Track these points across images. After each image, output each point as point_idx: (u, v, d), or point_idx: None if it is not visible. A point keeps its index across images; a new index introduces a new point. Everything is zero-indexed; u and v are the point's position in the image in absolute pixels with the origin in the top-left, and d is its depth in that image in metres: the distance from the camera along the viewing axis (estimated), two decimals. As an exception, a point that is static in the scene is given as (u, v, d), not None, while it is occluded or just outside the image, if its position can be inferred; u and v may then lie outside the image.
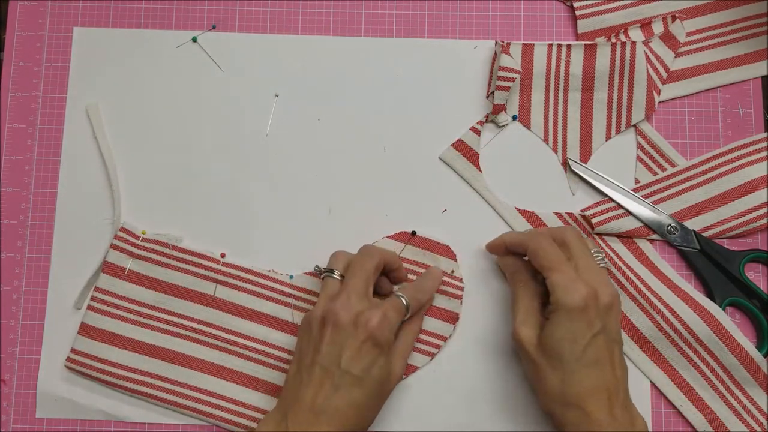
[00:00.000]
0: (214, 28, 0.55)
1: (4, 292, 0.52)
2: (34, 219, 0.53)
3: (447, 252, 0.52)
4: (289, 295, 0.51)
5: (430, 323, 0.51)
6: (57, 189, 0.53)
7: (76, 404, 0.51)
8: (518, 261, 0.49)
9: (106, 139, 0.53)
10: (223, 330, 0.51)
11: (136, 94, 0.54)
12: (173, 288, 0.51)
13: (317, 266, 0.50)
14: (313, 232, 0.53)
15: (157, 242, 0.51)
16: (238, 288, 0.51)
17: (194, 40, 0.55)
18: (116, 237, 0.51)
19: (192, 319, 0.51)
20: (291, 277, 0.51)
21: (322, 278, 0.48)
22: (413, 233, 0.52)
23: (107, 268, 0.51)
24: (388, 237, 0.52)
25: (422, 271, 0.51)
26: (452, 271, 0.51)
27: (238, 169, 0.53)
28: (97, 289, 0.51)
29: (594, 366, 0.43)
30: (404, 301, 0.46)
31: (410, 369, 0.50)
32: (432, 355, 0.50)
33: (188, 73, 0.54)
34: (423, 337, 0.50)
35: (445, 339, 0.51)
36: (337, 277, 0.47)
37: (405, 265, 0.51)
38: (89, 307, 0.51)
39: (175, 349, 0.50)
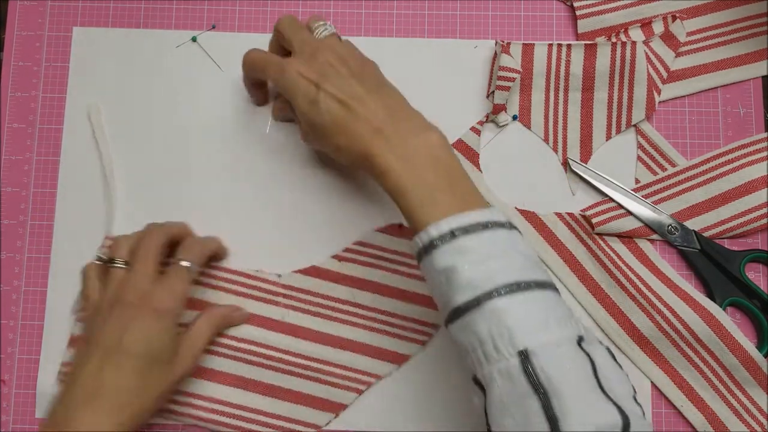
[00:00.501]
0: (214, 28, 0.55)
1: (3, 292, 0.52)
2: (34, 219, 0.53)
3: None
4: (278, 294, 0.51)
5: (417, 310, 0.51)
6: (57, 189, 0.53)
7: (75, 404, 0.51)
8: (267, 52, 0.49)
9: (106, 141, 0.53)
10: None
11: (136, 94, 0.54)
12: None
13: (98, 255, 0.49)
14: (313, 232, 0.52)
15: None
16: (226, 290, 0.51)
17: (194, 40, 0.55)
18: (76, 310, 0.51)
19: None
20: (279, 276, 0.51)
21: (103, 265, 0.48)
22: (400, 226, 0.52)
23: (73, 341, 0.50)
24: (377, 230, 0.52)
25: (408, 265, 0.51)
26: None
27: (236, 169, 0.53)
28: (65, 365, 0.50)
29: (343, 115, 0.43)
30: (186, 264, 0.46)
31: (402, 358, 0.50)
32: (423, 343, 0.50)
33: (188, 73, 0.54)
34: (413, 325, 0.50)
35: (437, 327, 0.51)
36: (121, 266, 0.47)
37: (394, 257, 0.51)
38: (61, 380, 0.50)
39: None
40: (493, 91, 0.53)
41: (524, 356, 0.35)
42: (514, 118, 0.54)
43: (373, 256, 0.51)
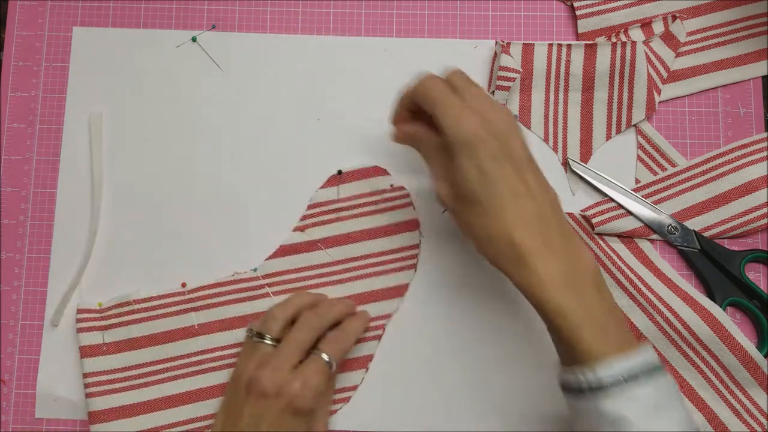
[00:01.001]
0: (214, 28, 0.55)
1: (3, 292, 0.52)
2: (34, 219, 0.53)
3: (378, 171, 0.52)
4: (262, 287, 0.51)
5: (393, 240, 0.51)
6: (57, 189, 0.53)
7: (76, 404, 0.51)
8: (416, 122, 0.45)
9: (101, 152, 0.53)
10: (221, 349, 0.50)
11: (136, 94, 0.54)
12: (156, 337, 0.50)
13: (250, 327, 0.48)
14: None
15: (119, 305, 0.50)
16: (214, 305, 0.51)
17: (194, 39, 0.55)
18: (78, 320, 0.50)
19: (188, 355, 0.50)
20: (255, 270, 0.51)
21: (253, 340, 0.47)
22: (339, 172, 0.52)
23: (84, 352, 0.50)
24: (320, 188, 0.52)
25: (365, 204, 0.52)
26: (390, 185, 0.52)
27: (236, 169, 0.53)
28: (86, 375, 0.49)
29: (511, 196, 0.40)
30: (325, 359, 0.45)
31: (402, 289, 0.51)
32: (414, 267, 0.51)
33: (188, 73, 0.54)
34: (396, 255, 0.51)
35: (418, 246, 0.51)
36: (269, 344, 0.46)
37: (349, 203, 0.52)
38: (88, 395, 0.49)
39: (186, 389, 0.50)
40: (493, 91, 0.53)
41: None
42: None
43: (329, 212, 0.52)
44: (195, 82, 0.54)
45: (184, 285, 0.51)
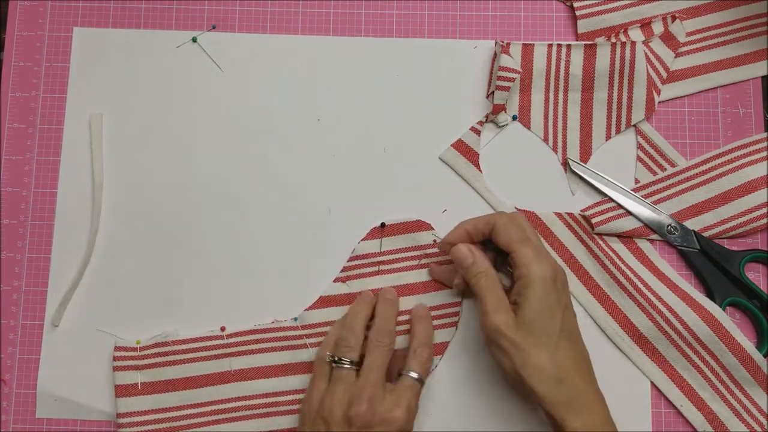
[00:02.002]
0: (214, 28, 0.55)
1: (4, 292, 0.52)
2: (34, 219, 0.53)
3: (421, 226, 0.52)
4: (301, 337, 0.51)
5: (436, 296, 0.51)
6: (57, 189, 0.53)
7: (76, 404, 0.51)
8: (475, 250, 0.47)
9: (101, 152, 0.53)
10: (256, 397, 0.50)
11: (136, 94, 0.54)
12: (191, 381, 0.50)
13: (328, 354, 0.47)
14: (312, 233, 0.53)
15: (156, 345, 0.50)
16: (252, 352, 0.50)
17: (194, 40, 0.55)
18: (115, 358, 0.50)
19: (222, 401, 0.50)
20: (295, 319, 0.51)
21: (331, 366, 0.47)
22: (382, 225, 0.52)
23: (119, 391, 0.49)
24: (362, 241, 0.52)
25: (407, 258, 0.51)
26: (434, 241, 0.51)
27: (235, 169, 0.53)
28: (119, 415, 0.49)
29: (570, 338, 0.44)
30: (416, 377, 0.46)
31: (442, 347, 0.50)
32: (455, 325, 0.51)
33: (188, 74, 0.54)
34: (439, 312, 0.51)
35: (460, 304, 0.51)
36: (349, 368, 0.46)
37: (391, 257, 0.51)
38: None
39: None
40: (493, 91, 0.53)
41: None
42: (514, 118, 0.54)
43: (372, 264, 0.51)
44: (195, 82, 0.54)
45: (223, 329, 0.51)
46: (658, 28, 0.54)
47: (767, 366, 0.49)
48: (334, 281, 0.52)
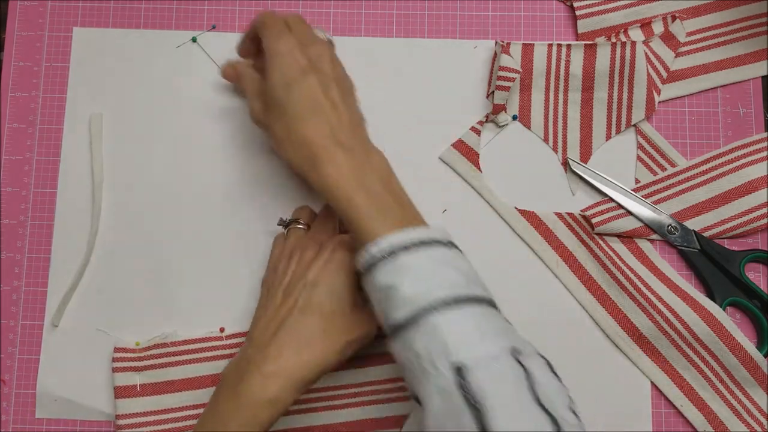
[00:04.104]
0: (214, 28, 0.55)
1: (4, 292, 0.52)
2: (34, 219, 0.53)
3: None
4: None
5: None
6: (57, 189, 0.53)
7: (76, 404, 0.51)
8: (240, 62, 0.50)
9: (101, 152, 0.53)
10: None
11: (136, 94, 0.54)
12: (191, 382, 0.50)
13: (281, 218, 0.50)
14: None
15: (156, 346, 0.50)
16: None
17: (194, 40, 0.55)
18: (114, 359, 0.50)
19: None
20: None
21: (287, 229, 0.49)
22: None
23: (119, 392, 0.49)
24: None
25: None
26: None
27: (235, 168, 0.53)
28: (119, 417, 0.49)
29: (308, 100, 0.44)
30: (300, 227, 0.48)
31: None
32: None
33: (188, 74, 0.54)
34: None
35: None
36: (302, 226, 0.49)
37: None
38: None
39: None
40: (493, 91, 0.53)
41: (459, 372, 0.35)
42: (514, 118, 0.54)
43: None
44: (195, 82, 0.54)
45: (222, 330, 0.51)
46: (658, 27, 0.54)
47: (767, 366, 0.49)
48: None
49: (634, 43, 0.52)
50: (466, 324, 0.37)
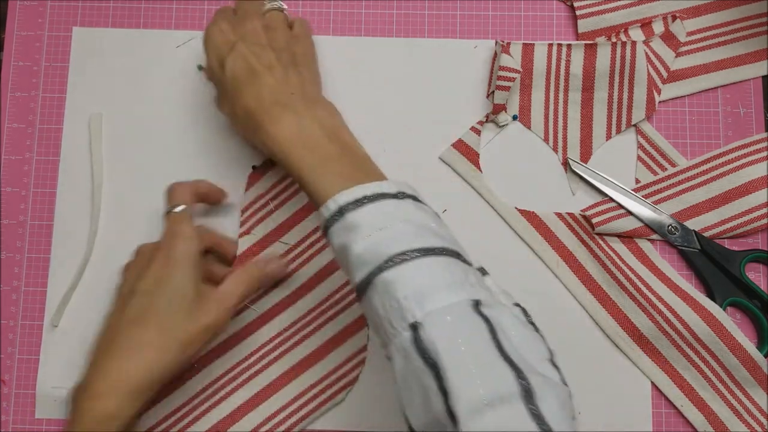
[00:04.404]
0: (214, 28, 0.55)
1: (3, 292, 0.52)
2: (34, 219, 0.53)
3: None
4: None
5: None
6: (56, 189, 0.53)
7: (75, 404, 0.51)
8: None
9: (101, 152, 0.53)
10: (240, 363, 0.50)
11: (136, 94, 0.54)
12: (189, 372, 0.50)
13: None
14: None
15: None
16: None
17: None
18: None
19: (218, 377, 0.50)
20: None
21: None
22: (254, 167, 0.53)
23: None
24: (246, 191, 0.52)
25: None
26: None
27: (235, 169, 0.53)
28: None
29: (247, 75, 0.44)
30: (180, 209, 0.47)
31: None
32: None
33: (188, 74, 0.54)
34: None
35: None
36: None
37: (277, 190, 0.52)
38: None
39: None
40: (493, 91, 0.53)
41: (414, 329, 0.34)
42: (514, 118, 0.54)
43: (263, 206, 0.52)
44: (195, 82, 0.54)
45: None
46: (658, 27, 0.54)
47: (767, 366, 0.49)
48: (240, 237, 0.51)
49: (634, 43, 0.52)
50: (419, 278, 0.35)
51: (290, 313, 0.51)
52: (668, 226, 0.52)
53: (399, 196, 0.39)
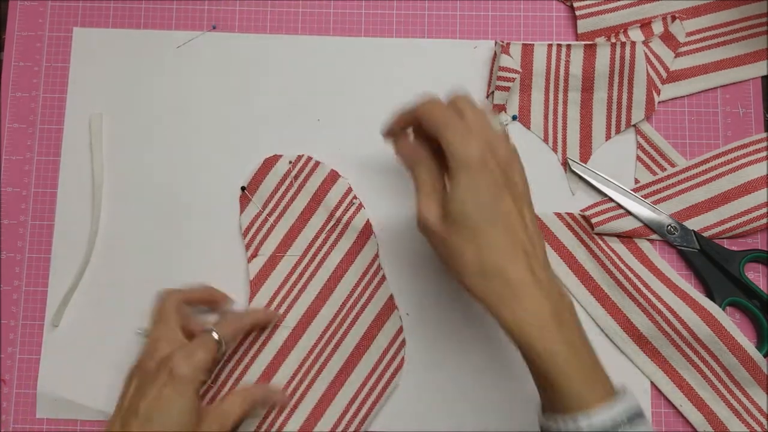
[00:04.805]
0: (214, 28, 0.55)
1: (4, 292, 0.52)
2: (34, 219, 0.53)
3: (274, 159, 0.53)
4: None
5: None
6: (57, 189, 0.53)
7: (76, 404, 0.51)
8: (415, 141, 0.45)
9: (101, 152, 0.53)
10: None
11: (136, 94, 0.54)
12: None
13: (139, 329, 0.49)
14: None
15: None
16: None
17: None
18: None
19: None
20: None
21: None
22: (243, 189, 0.52)
23: None
24: (241, 215, 0.52)
25: (287, 190, 0.52)
26: (289, 164, 0.53)
27: (235, 169, 0.53)
28: None
29: (505, 225, 0.39)
30: (215, 336, 0.44)
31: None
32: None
33: (188, 73, 0.54)
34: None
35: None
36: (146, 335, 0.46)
37: (272, 203, 0.52)
38: None
39: None
40: (493, 92, 0.53)
41: None
42: (514, 118, 0.54)
43: (262, 224, 0.52)
44: (195, 82, 0.54)
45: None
46: (658, 28, 0.54)
47: (767, 366, 0.49)
48: (249, 261, 0.51)
49: (633, 44, 0.52)
50: None
51: (319, 320, 0.51)
52: (668, 226, 0.52)
53: (642, 412, 0.37)
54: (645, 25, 0.54)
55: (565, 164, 0.53)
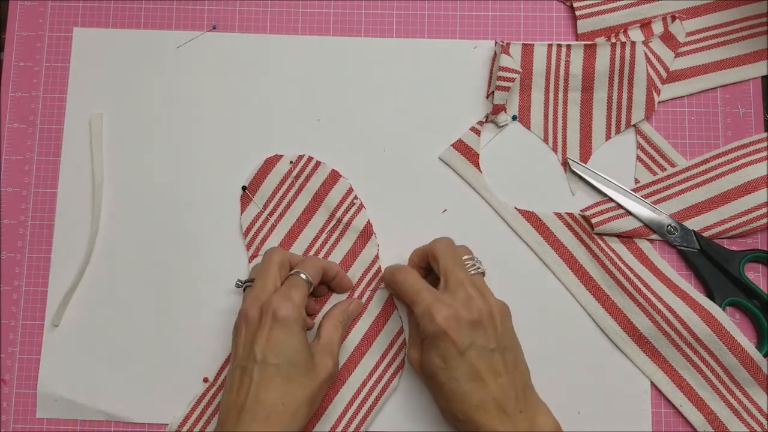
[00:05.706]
0: (214, 28, 0.55)
1: (4, 292, 0.52)
2: (34, 219, 0.53)
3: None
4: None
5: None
6: (57, 189, 0.53)
7: (76, 404, 0.51)
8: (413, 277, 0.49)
9: (101, 152, 0.53)
10: None
11: (136, 94, 0.54)
12: None
13: (238, 280, 0.50)
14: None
15: None
16: None
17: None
18: None
19: None
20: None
21: (244, 290, 0.48)
22: (244, 188, 0.52)
23: None
24: (242, 215, 0.52)
25: (288, 190, 0.52)
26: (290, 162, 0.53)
27: (235, 169, 0.53)
28: None
29: (472, 382, 0.43)
30: (303, 276, 0.46)
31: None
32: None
33: (188, 73, 0.54)
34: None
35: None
36: (249, 284, 0.48)
37: (273, 203, 0.52)
38: None
39: None
40: (493, 92, 0.53)
41: None
42: (514, 118, 0.54)
43: (264, 223, 0.52)
44: (195, 82, 0.54)
45: (205, 380, 0.51)
46: (658, 28, 0.54)
47: (767, 366, 0.49)
48: (249, 261, 0.52)
49: (633, 44, 0.52)
50: None
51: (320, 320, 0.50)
52: (667, 226, 0.52)
53: None
54: (645, 25, 0.54)
55: (565, 164, 0.53)
